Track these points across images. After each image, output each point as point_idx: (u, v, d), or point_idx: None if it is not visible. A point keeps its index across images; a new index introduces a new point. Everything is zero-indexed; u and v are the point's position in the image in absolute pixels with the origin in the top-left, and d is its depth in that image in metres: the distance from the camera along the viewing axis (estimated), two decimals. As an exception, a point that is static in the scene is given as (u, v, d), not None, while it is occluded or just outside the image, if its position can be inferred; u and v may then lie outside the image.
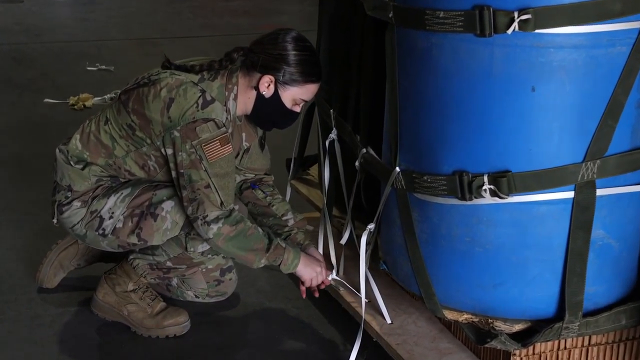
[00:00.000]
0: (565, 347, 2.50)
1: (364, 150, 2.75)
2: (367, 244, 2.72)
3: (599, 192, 2.34)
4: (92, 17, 7.59)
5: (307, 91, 2.80)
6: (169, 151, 2.75)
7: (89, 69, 5.99)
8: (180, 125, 2.70)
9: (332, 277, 2.93)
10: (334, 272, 2.96)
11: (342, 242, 2.97)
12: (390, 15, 2.43)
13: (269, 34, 2.79)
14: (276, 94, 2.78)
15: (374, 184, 2.75)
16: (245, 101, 2.81)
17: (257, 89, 2.78)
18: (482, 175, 2.34)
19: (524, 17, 2.19)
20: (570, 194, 2.33)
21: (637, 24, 2.25)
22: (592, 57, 2.24)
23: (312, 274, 2.88)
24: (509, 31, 2.21)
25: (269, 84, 2.77)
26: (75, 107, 5.19)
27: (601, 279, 2.43)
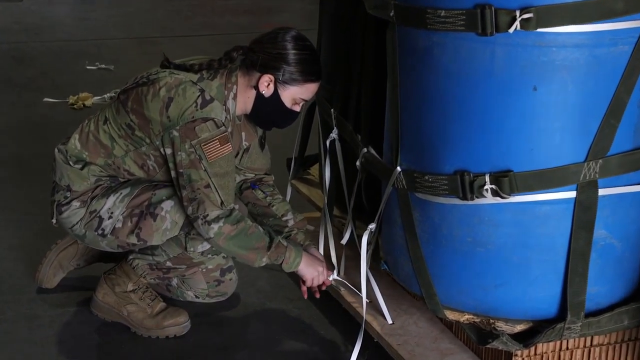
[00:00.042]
0: (567, 348, 2.49)
1: (365, 149, 2.74)
2: (368, 244, 2.71)
3: (601, 191, 2.33)
4: (92, 16, 7.57)
5: (307, 90, 2.80)
6: (168, 151, 2.74)
7: (88, 68, 5.97)
8: (179, 124, 2.69)
9: (333, 277, 2.92)
10: (335, 272, 2.95)
11: (343, 242, 2.96)
12: (391, 14, 2.43)
13: (268, 33, 2.78)
14: (276, 93, 2.77)
15: (375, 184, 2.74)
16: (244, 100, 2.80)
17: (256, 88, 2.77)
18: (484, 175, 2.33)
19: (525, 16, 2.18)
20: (572, 194, 2.33)
21: (640, 23, 2.24)
22: (594, 56, 2.23)
23: (314, 273, 2.87)
24: (511, 30, 2.20)
25: (269, 83, 2.76)
26: (74, 106, 5.17)
27: (603, 279, 2.43)
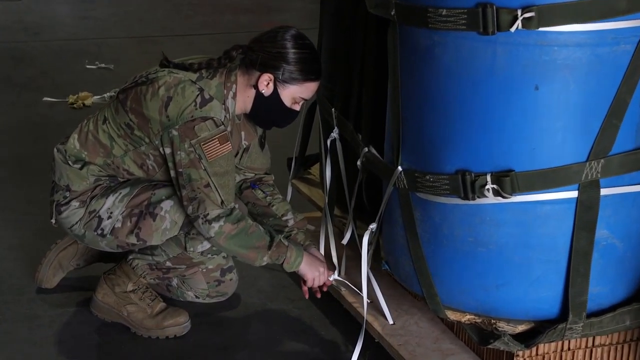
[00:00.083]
0: (569, 348, 2.49)
1: (366, 149, 2.74)
2: (369, 244, 2.71)
3: (603, 191, 2.33)
4: (92, 15, 7.57)
5: (307, 89, 2.79)
6: (168, 150, 2.73)
7: (88, 67, 5.96)
8: (178, 124, 2.68)
9: (334, 277, 2.91)
10: (336, 272, 2.94)
11: (344, 242, 2.96)
12: (392, 12, 2.42)
13: (268, 32, 2.77)
14: (275, 93, 2.76)
15: (376, 184, 2.74)
16: (244, 99, 2.80)
17: (256, 87, 2.77)
18: (485, 174, 2.33)
19: (527, 15, 2.17)
20: (574, 194, 2.32)
21: (642, 22, 2.24)
22: (596, 55, 2.23)
23: (315, 273, 2.86)
24: (512, 29, 2.20)
25: (268, 83, 2.75)
26: (74, 105, 5.17)
27: (605, 279, 2.42)
